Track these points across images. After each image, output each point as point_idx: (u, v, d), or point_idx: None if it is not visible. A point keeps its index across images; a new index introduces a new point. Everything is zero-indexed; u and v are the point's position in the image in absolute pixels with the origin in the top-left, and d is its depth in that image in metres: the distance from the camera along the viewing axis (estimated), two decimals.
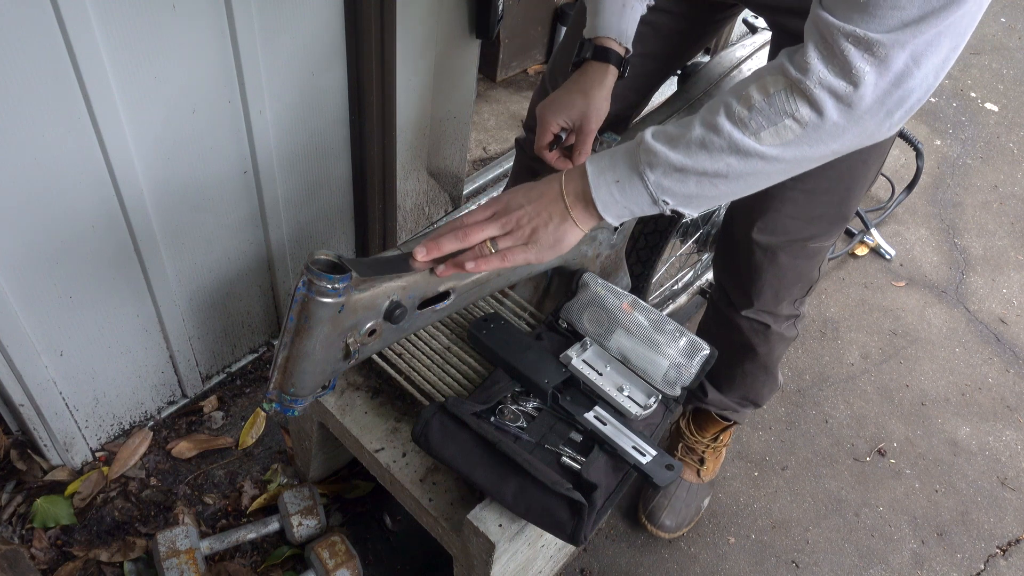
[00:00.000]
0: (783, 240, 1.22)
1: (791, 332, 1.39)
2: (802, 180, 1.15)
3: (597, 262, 1.30)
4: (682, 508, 1.57)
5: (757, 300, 1.31)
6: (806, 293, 1.34)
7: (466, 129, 1.93)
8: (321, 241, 1.68)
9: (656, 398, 1.15)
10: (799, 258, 1.25)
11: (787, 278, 1.28)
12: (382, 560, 1.48)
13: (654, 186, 0.85)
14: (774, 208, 1.19)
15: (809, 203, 1.18)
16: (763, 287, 1.29)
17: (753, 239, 1.23)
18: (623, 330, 1.21)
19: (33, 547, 1.39)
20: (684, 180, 0.84)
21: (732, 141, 0.80)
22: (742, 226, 1.25)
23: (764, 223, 1.21)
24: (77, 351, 1.35)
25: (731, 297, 1.36)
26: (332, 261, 0.88)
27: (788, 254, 1.24)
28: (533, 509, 1.02)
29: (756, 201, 1.21)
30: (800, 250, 1.24)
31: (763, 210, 1.20)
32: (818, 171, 1.13)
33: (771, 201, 1.19)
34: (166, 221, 1.33)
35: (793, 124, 0.78)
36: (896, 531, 1.67)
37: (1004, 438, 1.88)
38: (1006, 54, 3.36)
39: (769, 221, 1.21)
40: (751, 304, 1.32)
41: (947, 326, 2.14)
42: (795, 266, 1.26)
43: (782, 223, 1.20)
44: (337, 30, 1.36)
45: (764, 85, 0.78)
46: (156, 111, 1.19)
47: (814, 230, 1.22)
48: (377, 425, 1.19)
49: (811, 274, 1.30)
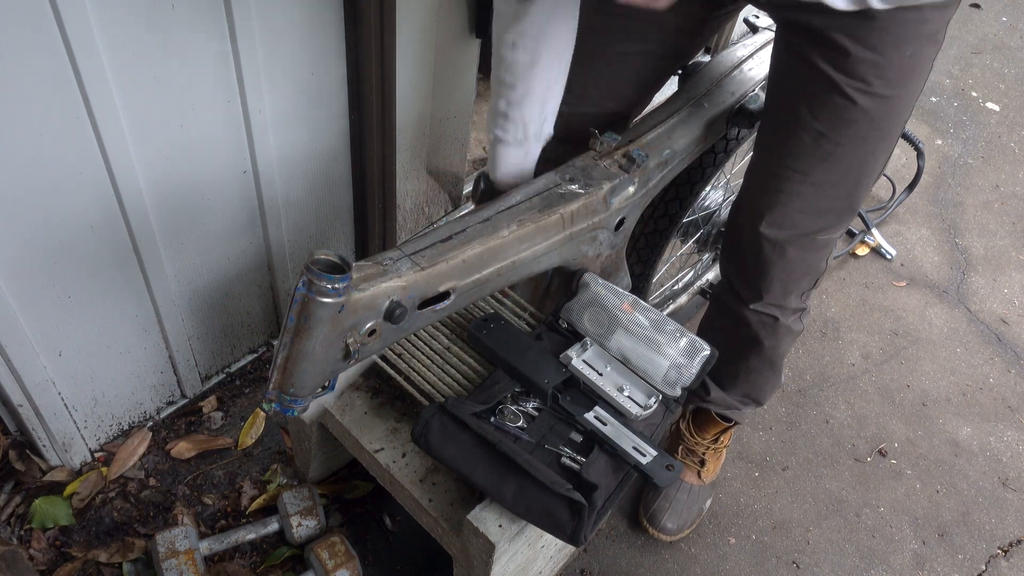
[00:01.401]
0: (792, 234, 1.22)
1: (798, 326, 1.39)
2: (810, 174, 1.15)
3: (597, 262, 1.30)
4: (683, 510, 1.57)
5: (767, 294, 1.30)
6: (813, 285, 1.34)
7: (466, 129, 1.92)
8: (321, 241, 1.68)
9: (656, 398, 1.15)
10: (808, 251, 1.25)
11: (796, 271, 1.28)
12: (382, 560, 1.47)
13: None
14: (781, 203, 1.19)
15: (818, 197, 1.18)
16: (772, 280, 1.28)
17: (761, 233, 1.22)
18: (623, 330, 1.20)
19: (32, 548, 1.38)
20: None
21: None
22: (749, 220, 1.24)
23: (772, 217, 1.21)
24: (76, 351, 1.35)
25: (738, 291, 1.35)
26: (332, 261, 0.88)
27: (797, 248, 1.23)
28: (533, 509, 1.01)
29: (763, 195, 1.21)
30: (809, 243, 1.23)
31: (771, 204, 1.20)
32: (826, 165, 1.14)
33: (779, 196, 1.18)
34: (165, 221, 1.33)
35: None
36: (897, 532, 1.67)
37: (1005, 438, 1.88)
38: (1007, 53, 3.36)
39: (777, 216, 1.20)
40: (760, 297, 1.32)
41: (948, 326, 2.14)
42: (804, 259, 1.26)
43: (791, 217, 1.20)
44: (337, 30, 1.36)
45: None
46: (155, 111, 1.19)
47: (823, 223, 1.21)
48: (377, 425, 1.18)
49: (819, 266, 1.30)
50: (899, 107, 1.10)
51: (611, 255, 1.34)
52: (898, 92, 1.08)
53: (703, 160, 1.49)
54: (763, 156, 1.22)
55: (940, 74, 3.17)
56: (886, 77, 1.04)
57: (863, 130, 1.10)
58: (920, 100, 2.99)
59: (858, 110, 1.08)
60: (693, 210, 1.65)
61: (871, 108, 1.08)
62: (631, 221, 1.34)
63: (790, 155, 1.15)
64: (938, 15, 1.05)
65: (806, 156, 1.14)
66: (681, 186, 1.51)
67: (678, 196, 1.52)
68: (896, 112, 1.10)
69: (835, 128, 1.10)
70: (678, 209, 1.53)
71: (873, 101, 1.07)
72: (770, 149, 1.19)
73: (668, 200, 1.53)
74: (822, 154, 1.13)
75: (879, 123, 1.10)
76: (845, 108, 1.07)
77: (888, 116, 1.10)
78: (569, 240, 1.18)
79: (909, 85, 1.08)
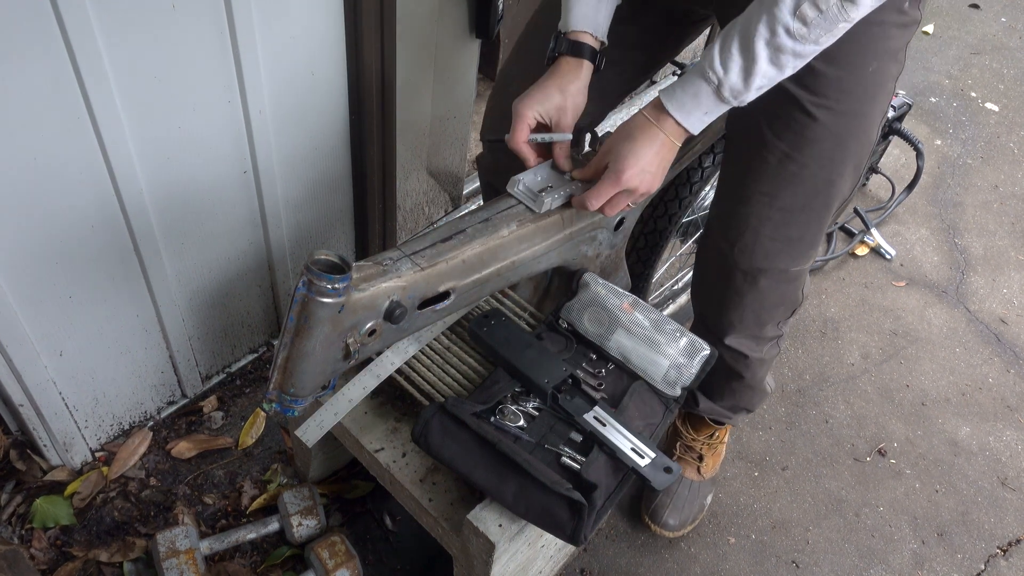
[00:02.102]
0: (764, 265, 1.20)
1: (773, 352, 1.37)
2: (777, 197, 1.14)
3: (597, 262, 1.30)
4: (685, 506, 1.57)
5: (739, 324, 1.29)
6: (790, 315, 1.32)
7: (466, 129, 1.93)
8: (321, 241, 1.68)
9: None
10: (781, 282, 1.23)
11: (768, 302, 1.26)
12: (382, 560, 1.48)
13: (736, 103, 0.98)
14: (752, 227, 1.17)
15: (786, 223, 1.16)
16: (744, 311, 1.27)
17: (734, 260, 1.21)
18: (624, 330, 1.20)
19: (32, 547, 1.39)
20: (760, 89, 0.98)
21: (796, 52, 0.92)
22: (721, 249, 1.22)
23: (743, 244, 1.19)
24: (77, 351, 1.35)
25: (711, 327, 1.33)
26: (332, 261, 0.88)
27: (768, 278, 1.22)
28: (533, 509, 1.02)
29: (732, 221, 1.19)
30: (782, 275, 1.22)
31: (740, 231, 1.18)
32: (792, 187, 1.13)
33: (748, 220, 1.17)
34: (166, 221, 1.33)
35: (845, 24, 0.90)
36: (896, 531, 1.67)
37: (1004, 438, 1.88)
38: (1006, 54, 3.36)
39: (748, 242, 1.18)
40: (733, 329, 1.30)
41: (947, 326, 2.14)
42: (777, 290, 1.24)
43: (762, 244, 1.18)
44: (337, 30, 1.36)
45: (815, 2, 0.88)
46: (156, 111, 1.19)
47: (794, 252, 1.20)
48: (377, 425, 1.19)
49: (795, 296, 1.28)
50: (863, 125, 1.10)
51: (611, 255, 1.34)
52: (862, 109, 1.07)
53: (702, 160, 1.49)
54: (729, 181, 1.20)
55: (939, 74, 3.18)
56: (849, 92, 1.04)
57: (827, 149, 1.09)
58: (920, 100, 3.00)
59: (819, 127, 1.07)
60: (692, 210, 1.65)
61: (833, 125, 1.07)
62: (631, 221, 1.34)
63: (756, 178, 1.14)
64: (899, 33, 1.05)
65: (772, 178, 1.13)
66: (680, 186, 1.52)
67: (677, 196, 1.52)
68: (860, 130, 1.10)
69: (798, 147, 1.09)
70: (677, 209, 1.53)
71: (835, 117, 1.06)
72: (736, 173, 1.18)
73: (668, 200, 1.53)
74: (787, 175, 1.12)
75: (843, 141, 1.09)
76: (807, 125, 1.07)
77: (851, 134, 1.09)
78: (569, 240, 1.18)
79: (872, 103, 1.08)
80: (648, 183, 1.05)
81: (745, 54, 0.93)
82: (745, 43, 0.92)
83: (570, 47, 1.09)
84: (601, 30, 1.11)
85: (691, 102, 0.99)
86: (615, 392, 1.17)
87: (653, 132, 1.02)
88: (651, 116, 1.02)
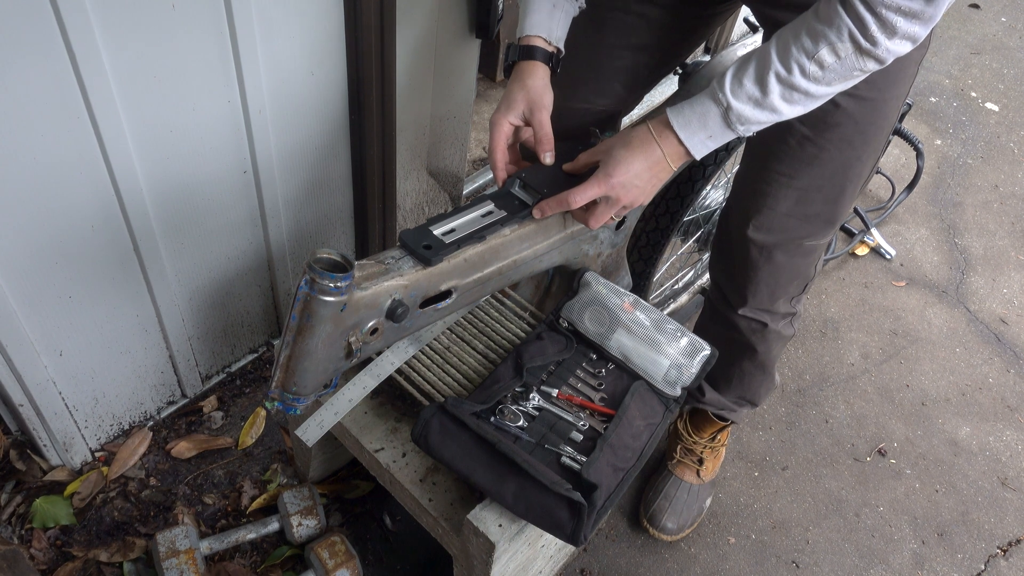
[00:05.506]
0: (779, 239, 1.22)
1: (788, 331, 1.39)
2: (796, 177, 1.16)
3: (598, 261, 1.30)
4: (683, 510, 1.57)
5: (753, 298, 1.31)
6: (803, 291, 1.34)
7: (466, 129, 1.92)
8: (321, 241, 1.68)
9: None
10: (795, 256, 1.25)
11: (783, 276, 1.28)
12: (382, 560, 1.47)
13: (742, 132, 0.99)
14: (768, 206, 1.19)
15: (804, 201, 1.18)
16: (759, 285, 1.29)
17: (749, 237, 1.23)
18: (624, 329, 1.20)
19: (32, 547, 1.38)
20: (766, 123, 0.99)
21: (809, 93, 0.94)
22: (737, 224, 1.25)
23: (759, 221, 1.21)
24: (76, 351, 1.35)
25: (727, 296, 1.36)
26: (335, 260, 0.88)
27: (784, 252, 1.24)
28: (533, 509, 1.01)
29: (750, 199, 1.22)
30: (796, 248, 1.24)
31: (758, 208, 1.20)
32: (812, 169, 1.14)
33: (765, 199, 1.19)
34: (166, 221, 1.33)
35: (860, 74, 0.93)
36: (896, 531, 1.67)
37: (1004, 438, 1.88)
38: (1007, 53, 3.36)
39: (764, 219, 1.21)
40: (746, 302, 1.32)
41: (947, 326, 2.14)
42: (791, 264, 1.26)
43: (778, 221, 1.20)
44: (337, 30, 1.36)
45: (835, 49, 0.89)
46: (155, 111, 1.19)
47: (810, 228, 1.22)
48: (377, 425, 1.18)
49: (807, 272, 1.31)
50: (883, 110, 1.10)
51: (612, 254, 1.34)
52: (883, 95, 1.08)
53: (704, 158, 1.49)
54: (750, 161, 1.23)
55: (939, 74, 3.18)
56: (870, 79, 1.04)
57: (847, 133, 1.10)
58: (920, 100, 3.00)
59: (841, 112, 1.08)
60: (694, 209, 1.65)
61: (854, 111, 1.08)
62: (632, 220, 1.34)
63: (776, 159, 1.16)
64: None
65: (791, 160, 1.15)
66: (682, 184, 1.51)
67: (679, 194, 1.52)
68: (880, 115, 1.10)
69: (819, 131, 1.11)
70: (679, 207, 1.53)
71: (857, 104, 1.07)
72: (757, 154, 1.20)
73: (669, 198, 1.53)
74: (807, 158, 1.13)
75: (863, 126, 1.10)
76: (829, 111, 1.08)
77: (872, 119, 1.10)
78: (570, 239, 1.18)
79: (893, 88, 1.08)
80: (633, 195, 1.05)
81: (759, 85, 0.94)
82: (760, 75, 0.93)
83: (522, 52, 1.12)
84: (555, 36, 1.13)
85: (697, 122, 0.99)
86: (615, 392, 1.17)
87: (651, 147, 1.02)
88: (654, 130, 1.02)
